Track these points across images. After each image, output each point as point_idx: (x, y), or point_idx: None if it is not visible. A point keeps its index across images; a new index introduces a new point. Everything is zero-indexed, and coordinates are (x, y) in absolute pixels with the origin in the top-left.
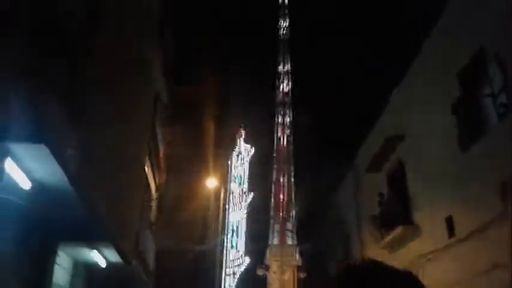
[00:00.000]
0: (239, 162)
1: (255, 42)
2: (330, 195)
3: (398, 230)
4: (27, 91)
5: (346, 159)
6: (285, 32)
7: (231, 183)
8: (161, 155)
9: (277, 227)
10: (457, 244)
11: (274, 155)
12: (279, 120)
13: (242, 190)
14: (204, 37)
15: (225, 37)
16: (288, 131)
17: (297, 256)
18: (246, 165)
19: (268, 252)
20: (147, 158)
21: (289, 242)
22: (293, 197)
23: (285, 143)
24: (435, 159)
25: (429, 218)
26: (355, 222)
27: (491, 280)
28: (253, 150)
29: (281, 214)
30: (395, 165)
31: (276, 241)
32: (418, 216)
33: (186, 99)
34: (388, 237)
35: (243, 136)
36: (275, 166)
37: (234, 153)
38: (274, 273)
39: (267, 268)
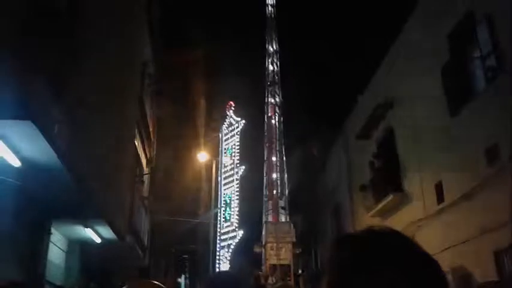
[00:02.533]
0: (229, 134)
1: (246, 12)
2: (321, 166)
3: (388, 198)
4: (12, 67)
5: (336, 127)
6: (273, 10)
7: (222, 156)
8: (151, 128)
9: (270, 204)
10: (446, 210)
11: (265, 134)
12: (269, 99)
13: (234, 162)
14: (194, 7)
15: (216, 6)
16: (278, 110)
17: (292, 232)
18: (237, 138)
19: (264, 229)
20: (136, 132)
21: (283, 219)
22: (285, 175)
23: (275, 122)
24: (425, 126)
25: (419, 184)
26: (347, 192)
27: (479, 245)
28: (243, 122)
29: (274, 192)
30: (385, 132)
31: (270, 218)
32: (408, 184)
33: (175, 70)
34: (379, 206)
35: (233, 108)
36: (266, 145)
37: (225, 126)
38: (271, 249)
39: (264, 245)
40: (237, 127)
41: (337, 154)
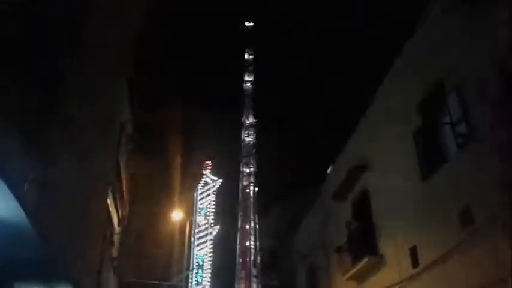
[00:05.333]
0: (205, 193)
1: (222, 71)
2: (297, 227)
3: (364, 261)
4: None
5: (312, 190)
6: (249, 86)
7: (196, 216)
8: (124, 187)
9: (243, 273)
10: (422, 274)
11: (239, 203)
12: (244, 169)
13: (208, 222)
14: (170, 69)
15: (192, 68)
16: (253, 181)
17: None
18: (212, 197)
19: None
20: (109, 191)
21: (255, 287)
22: (258, 243)
23: (250, 192)
24: (398, 189)
25: (394, 248)
26: (322, 253)
27: None
28: (219, 182)
29: (247, 260)
30: (360, 194)
31: (242, 287)
32: (383, 247)
33: (152, 129)
34: (355, 268)
35: (210, 167)
36: (240, 213)
37: (200, 185)
38: None
39: None
40: (213, 186)
41: (313, 215)
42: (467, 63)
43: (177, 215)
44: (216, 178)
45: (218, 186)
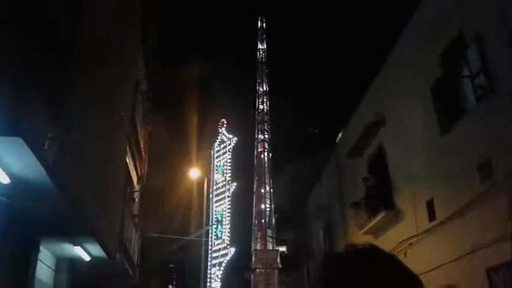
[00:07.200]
0: (221, 151)
1: (238, 31)
2: (312, 186)
3: (380, 215)
4: (3, 83)
5: (327, 147)
6: (263, 54)
7: (214, 173)
8: (142, 145)
9: (259, 234)
10: (438, 227)
11: (255, 168)
12: (259, 136)
13: (225, 179)
14: (186, 25)
15: (208, 27)
16: (267, 147)
17: (279, 260)
18: (229, 155)
19: (253, 257)
20: (127, 149)
21: (270, 247)
22: (272, 206)
23: (264, 157)
24: (416, 143)
25: (411, 202)
26: (339, 209)
27: (472, 263)
28: (235, 139)
29: (262, 222)
30: (376, 150)
31: (258, 247)
32: (400, 201)
33: (169, 88)
34: (371, 223)
35: (225, 125)
36: (256, 178)
37: (217, 143)
38: (260, 275)
39: (253, 271)
40: (229, 144)
41: (328, 173)
42: (487, 14)
43: (195, 172)
44: (231, 136)
45: (234, 144)
